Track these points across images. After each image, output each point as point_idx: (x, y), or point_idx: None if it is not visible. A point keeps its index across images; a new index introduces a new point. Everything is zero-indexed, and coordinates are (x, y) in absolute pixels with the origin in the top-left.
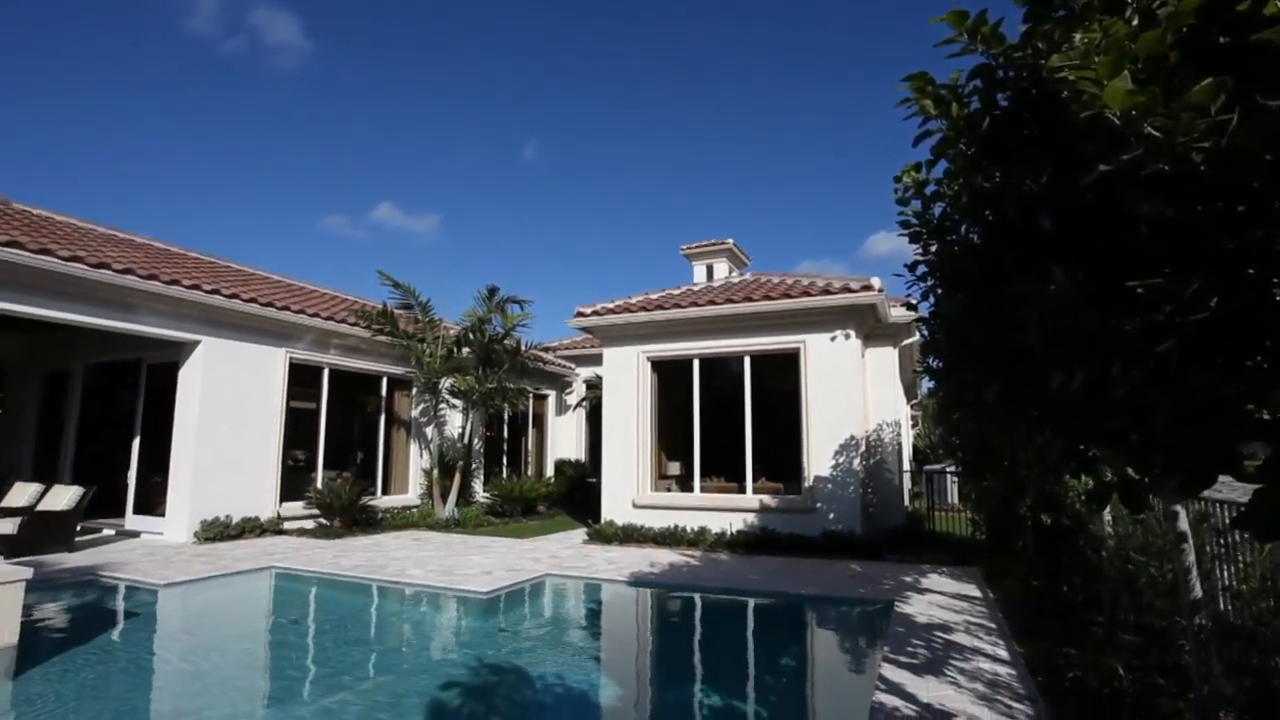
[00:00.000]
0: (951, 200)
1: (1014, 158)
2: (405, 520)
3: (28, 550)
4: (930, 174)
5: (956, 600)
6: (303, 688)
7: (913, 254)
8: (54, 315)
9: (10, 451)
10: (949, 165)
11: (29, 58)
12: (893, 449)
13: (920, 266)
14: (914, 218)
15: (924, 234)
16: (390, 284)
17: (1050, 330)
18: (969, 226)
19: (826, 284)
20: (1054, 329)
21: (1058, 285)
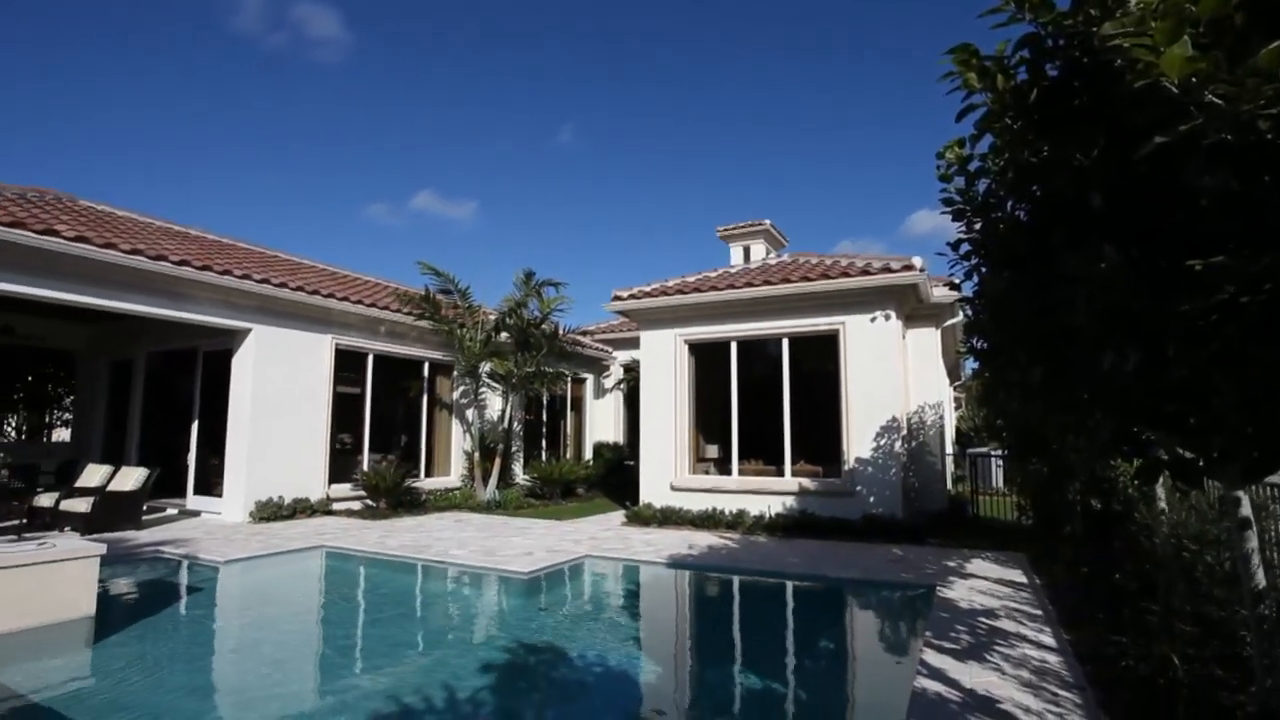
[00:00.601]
0: (996, 176)
1: (1063, 131)
2: (447, 502)
3: (100, 528)
4: (974, 149)
5: (1000, 586)
6: (355, 661)
7: (956, 232)
8: (117, 306)
9: (83, 435)
10: (994, 140)
11: (89, 60)
12: (935, 431)
13: (964, 245)
14: (957, 195)
15: (967, 211)
16: (430, 272)
17: (1101, 310)
18: (1015, 203)
19: (866, 264)
20: (1105, 308)
21: (1109, 263)
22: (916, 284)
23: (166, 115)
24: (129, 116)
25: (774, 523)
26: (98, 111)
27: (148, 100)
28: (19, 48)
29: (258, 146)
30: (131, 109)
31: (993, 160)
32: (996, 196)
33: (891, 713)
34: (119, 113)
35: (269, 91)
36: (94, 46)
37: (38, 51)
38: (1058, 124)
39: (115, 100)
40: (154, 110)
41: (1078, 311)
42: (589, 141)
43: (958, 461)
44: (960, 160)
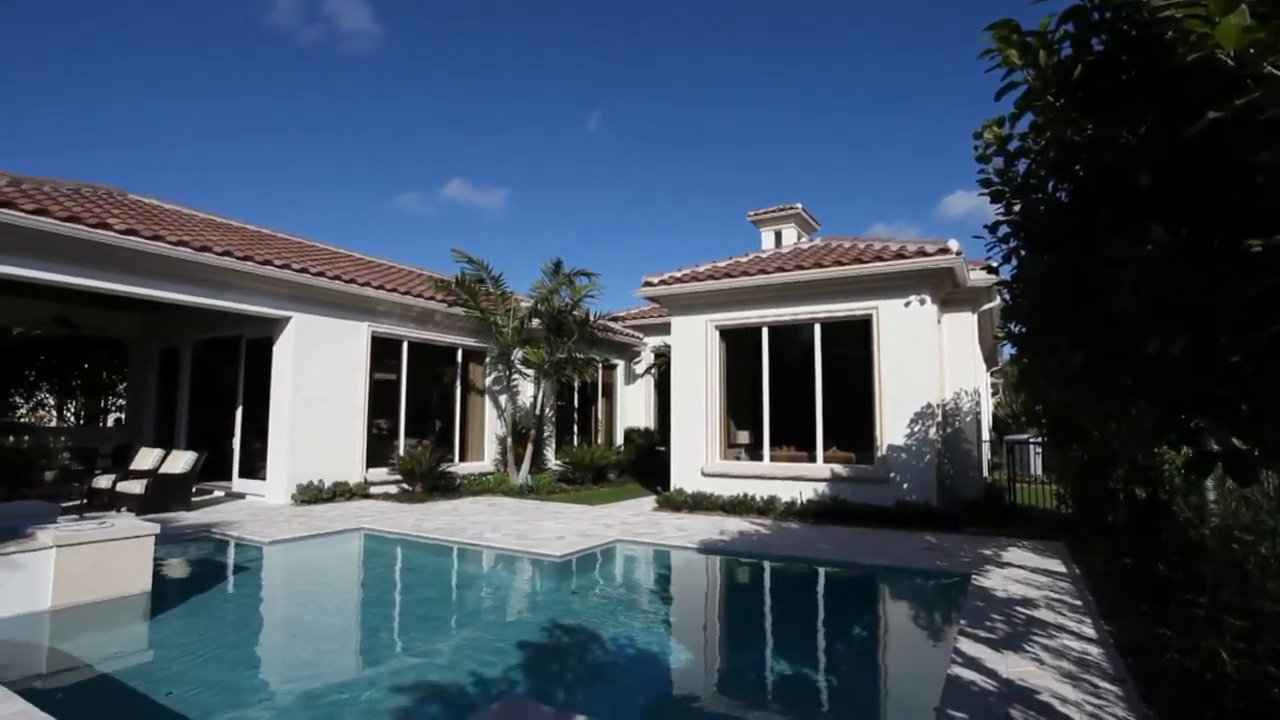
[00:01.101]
0: (1037, 156)
1: (1109, 107)
2: (481, 486)
3: (153, 508)
4: (1014, 129)
5: (1038, 575)
6: (394, 639)
7: (994, 214)
8: (164, 296)
9: (135, 420)
10: (1035, 118)
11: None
12: (971, 418)
13: (1002, 227)
14: (995, 175)
15: (1006, 193)
16: (464, 260)
17: (1148, 293)
18: (1056, 183)
19: (900, 248)
20: (1152, 291)
21: (1157, 244)
22: (952, 268)
23: (205, 109)
24: (170, 111)
25: (805, 509)
26: (141, 107)
27: (189, 95)
28: (73, 48)
29: (293, 139)
30: (173, 104)
31: (1033, 139)
32: (1037, 177)
33: (925, 700)
34: (161, 106)
35: (304, 85)
36: (136, 44)
37: (88, 51)
38: (1104, 100)
39: (159, 95)
40: (193, 105)
41: (1122, 295)
42: (617, 128)
43: (994, 449)
44: (999, 140)
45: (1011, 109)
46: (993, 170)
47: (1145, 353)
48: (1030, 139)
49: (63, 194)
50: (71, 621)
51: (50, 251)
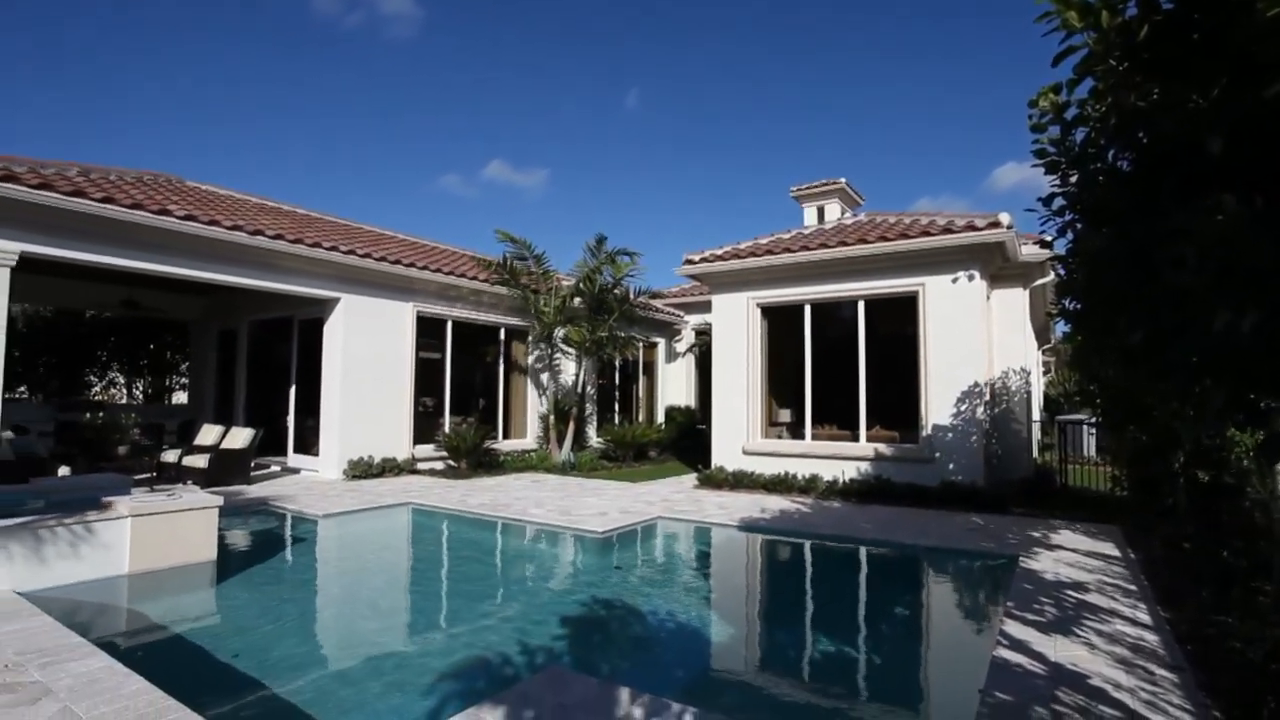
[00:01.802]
0: (1097, 124)
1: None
2: (524, 463)
3: (216, 482)
4: (1072, 95)
5: (1090, 559)
6: (442, 608)
7: (1048, 186)
8: (220, 278)
9: (197, 398)
10: (1095, 84)
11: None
12: (1020, 397)
13: (1057, 199)
14: (1051, 145)
15: (1062, 163)
16: (507, 239)
17: (1216, 267)
18: (1117, 152)
19: (948, 222)
20: (1220, 265)
21: (1227, 214)
22: (1003, 242)
23: (253, 97)
24: (220, 99)
25: (847, 488)
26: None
27: (239, 83)
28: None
29: (337, 124)
30: (222, 92)
31: (1092, 106)
32: (1096, 146)
33: (968, 682)
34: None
35: (347, 71)
36: (187, 35)
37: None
38: (1172, 63)
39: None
40: (243, 92)
41: (1187, 269)
42: (655, 106)
43: (1045, 429)
44: (1055, 108)
45: (1070, 74)
46: (1048, 140)
47: (1211, 330)
48: (1089, 106)
49: (126, 182)
50: (146, 586)
51: (116, 237)
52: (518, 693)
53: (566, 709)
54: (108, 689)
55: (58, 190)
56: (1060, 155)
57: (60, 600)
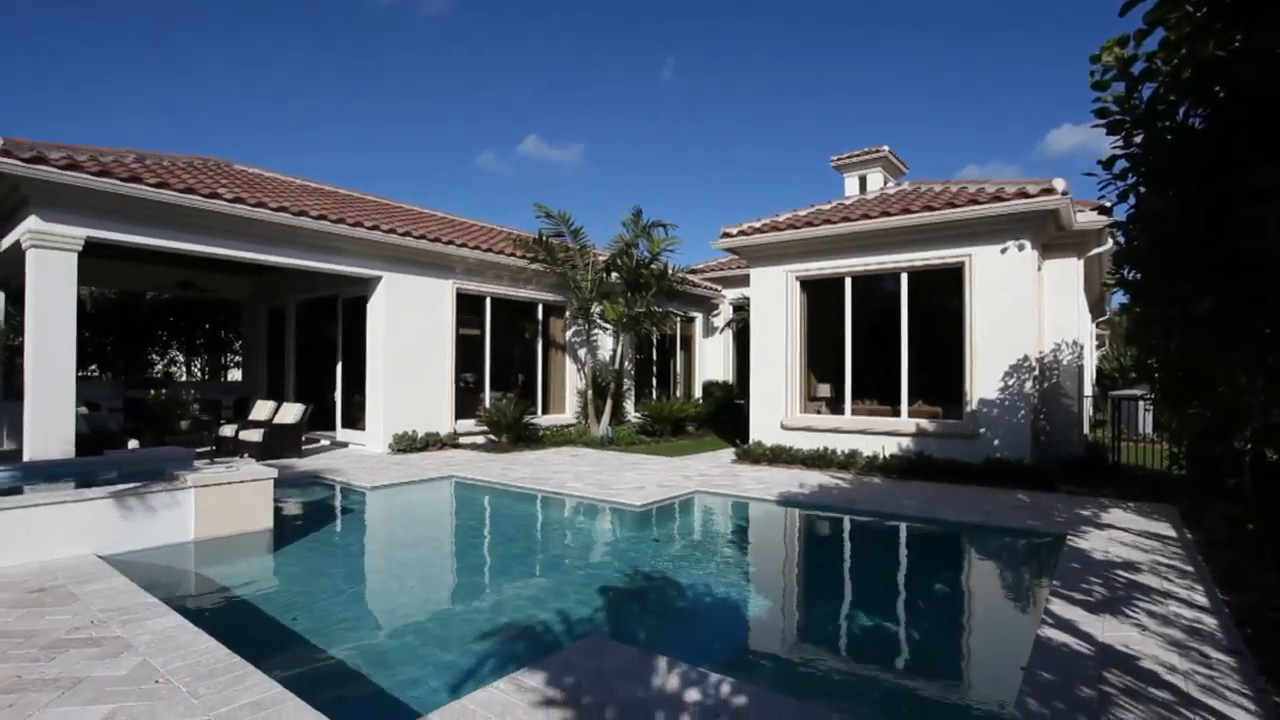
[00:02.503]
0: (1167, 78)
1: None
2: (563, 438)
3: (270, 455)
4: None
5: (1144, 539)
6: (485, 577)
7: (1109, 148)
8: (267, 259)
9: (250, 375)
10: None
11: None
12: (1072, 372)
13: (1119, 162)
14: (1114, 103)
15: (1126, 122)
16: (544, 215)
17: None
18: (1189, 108)
19: (998, 189)
20: None
21: None
22: (1057, 209)
23: (293, 77)
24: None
25: (888, 464)
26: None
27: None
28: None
29: (375, 103)
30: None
31: (1162, 59)
32: (1165, 102)
33: (1011, 660)
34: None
35: (384, 48)
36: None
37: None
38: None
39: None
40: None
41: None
42: (692, 77)
43: (1098, 404)
44: (1121, 62)
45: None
46: (1111, 98)
47: None
48: (1158, 59)
49: (179, 167)
50: (210, 551)
51: (171, 221)
52: (559, 659)
53: (605, 676)
54: (181, 646)
55: (115, 176)
56: (1124, 114)
57: (135, 563)
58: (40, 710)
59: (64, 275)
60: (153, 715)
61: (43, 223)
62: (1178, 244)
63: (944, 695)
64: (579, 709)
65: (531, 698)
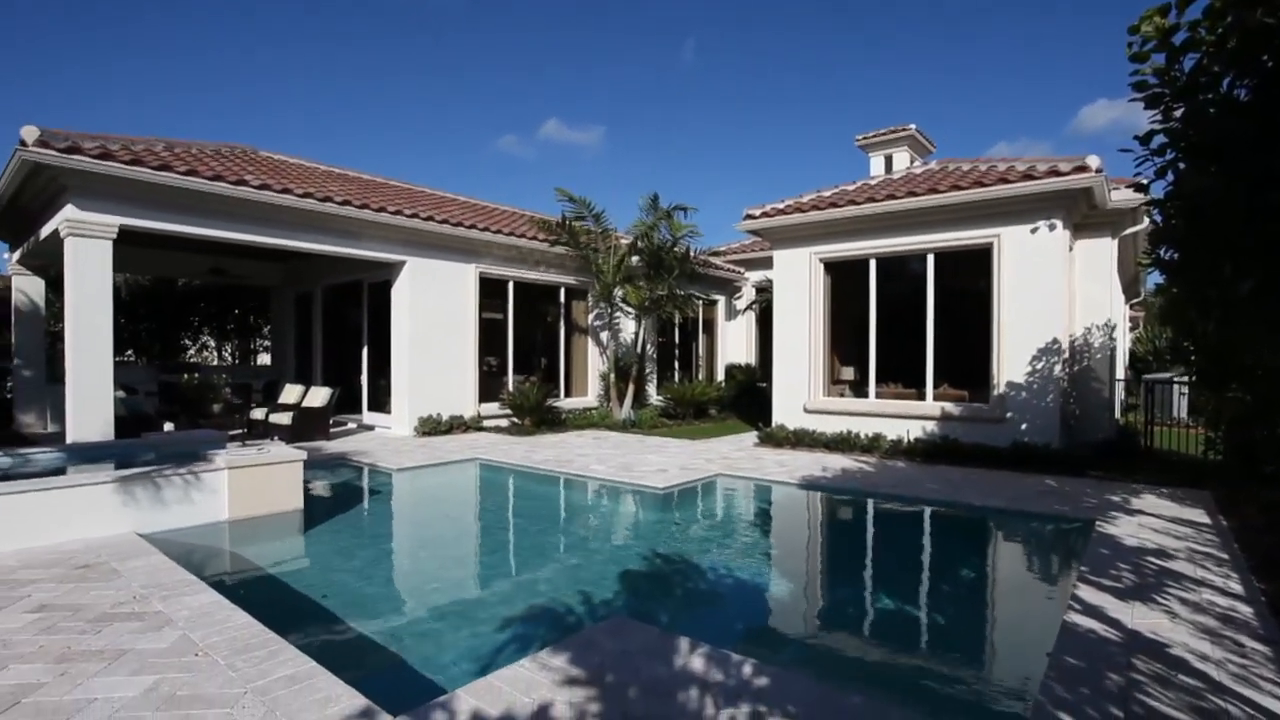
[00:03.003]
0: (1211, 48)
1: None
2: (586, 421)
3: (299, 437)
4: (1182, 17)
5: (1177, 525)
6: (509, 557)
7: (1147, 123)
8: (293, 244)
9: (279, 359)
10: (1211, 2)
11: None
12: (1103, 355)
13: (1157, 137)
14: (1154, 76)
15: (1166, 95)
16: (566, 199)
17: None
18: (1235, 79)
19: (1029, 168)
20: None
21: None
22: (1091, 187)
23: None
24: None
25: (912, 447)
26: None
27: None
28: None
29: (397, 88)
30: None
31: (1206, 29)
32: (1208, 74)
33: (1037, 645)
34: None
35: (405, 32)
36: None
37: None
38: None
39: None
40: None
41: None
42: (713, 57)
43: (1130, 388)
44: (1161, 33)
45: None
46: (1150, 70)
47: None
48: (1203, 28)
49: (206, 154)
50: (243, 531)
51: (200, 208)
52: (582, 638)
53: (629, 655)
54: (218, 621)
55: (147, 165)
56: (1164, 87)
57: (172, 542)
58: (90, 679)
59: (100, 262)
60: (194, 686)
61: (79, 211)
62: (1218, 222)
63: (966, 679)
64: (602, 687)
65: (556, 676)
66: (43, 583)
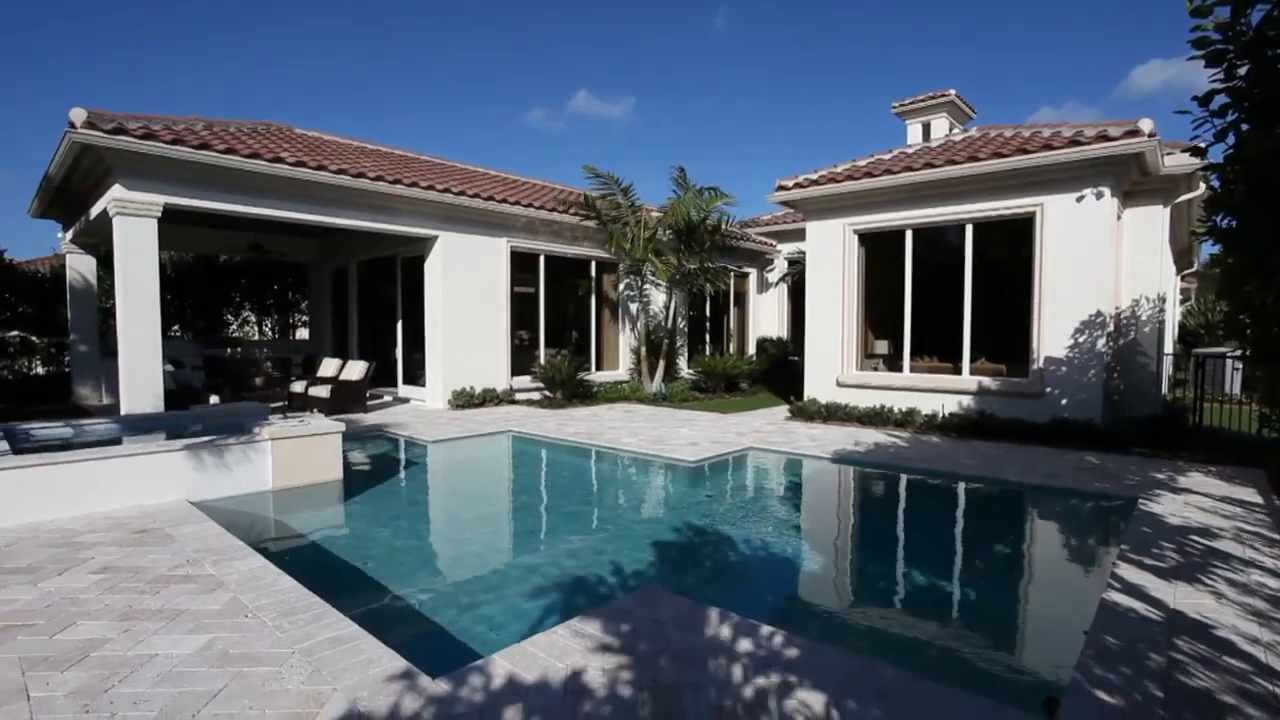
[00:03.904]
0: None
1: None
2: (617, 394)
3: (337, 410)
4: None
5: (1225, 504)
6: (542, 527)
7: (1208, 82)
8: (329, 220)
9: (317, 333)
10: None
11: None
12: (1151, 328)
13: (1218, 97)
14: (1216, 31)
15: (1230, 52)
16: (593, 175)
17: None
18: None
19: (1075, 133)
20: None
21: None
22: (1143, 152)
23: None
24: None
25: (947, 422)
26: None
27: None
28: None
29: (427, 63)
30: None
31: None
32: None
33: (1073, 624)
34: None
35: (434, 7)
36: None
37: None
38: None
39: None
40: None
41: None
42: (745, 25)
43: (1179, 363)
44: None
45: None
46: (1213, 25)
47: None
48: None
49: (244, 132)
50: (286, 500)
51: (238, 186)
52: (615, 607)
53: (660, 624)
54: (265, 585)
55: (187, 144)
56: (1228, 42)
57: (221, 509)
58: (150, 636)
59: (146, 240)
60: (245, 645)
61: (126, 191)
62: None
63: (999, 656)
64: (634, 654)
65: (589, 643)
66: (105, 546)
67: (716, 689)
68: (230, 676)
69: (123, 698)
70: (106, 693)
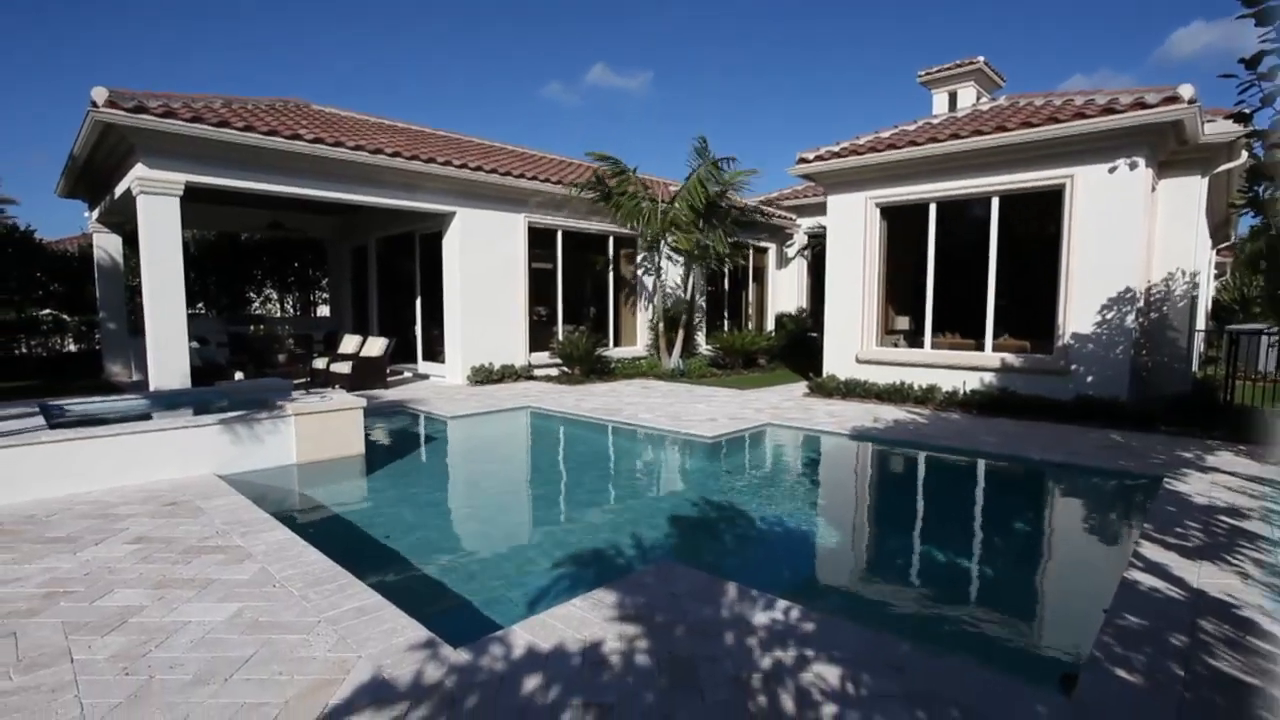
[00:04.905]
0: None
1: None
2: (634, 370)
3: (358, 386)
4: None
5: (1254, 484)
6: (560, 501)
7: (1256, 43)
8: (347, 197)
9: (337, 310)
10: None
11: None
12: (1183, 304)
13: (1268, 59)
14: None
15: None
16: (599, 159)
17: None
18: None
19: (1110, 101)
20: None
21: None
22: (1182, 120)
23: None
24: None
25: (969, 399)
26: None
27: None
28: None
29: (444, 37)
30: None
31: None
32: None
33: (1092, 601)
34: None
35: None
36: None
37: None
38: None
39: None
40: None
41: None
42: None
43: (1211, 340)
44: None
45: None
46: None
47: None
48: None
49: (261, 109)
50: (310, 474)
51: (257, 163)
52: (632, 580)
53: (677, 597)
54: (291, 556)
55: (206, 122)
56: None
57: (247, 482)
58: (183, 605)
59: (169, 218)
60: (273, 614)
61: (148, 169)
62: None
63: (1017, 632)
64: (651, 626)
65: (607, 614)
66: (138, 517)
67: (733, 661)
68: (260, 644)
69: (159, 661)
70: (144, 657)
